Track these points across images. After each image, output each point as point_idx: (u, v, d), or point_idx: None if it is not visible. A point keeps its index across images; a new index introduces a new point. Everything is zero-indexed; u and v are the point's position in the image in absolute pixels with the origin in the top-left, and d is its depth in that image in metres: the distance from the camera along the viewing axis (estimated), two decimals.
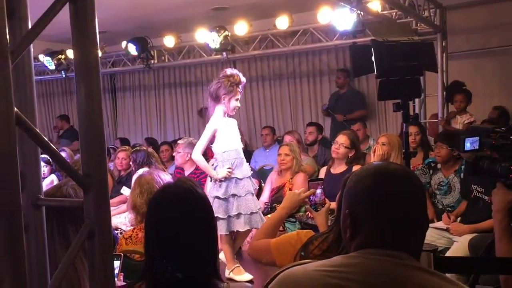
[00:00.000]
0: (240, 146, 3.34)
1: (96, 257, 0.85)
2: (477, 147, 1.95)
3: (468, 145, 1.95)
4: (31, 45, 0.93)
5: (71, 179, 1.53)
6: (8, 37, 0.74)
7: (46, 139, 0.80)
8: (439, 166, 4.29)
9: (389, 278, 1.00)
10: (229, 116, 3.36)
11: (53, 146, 0.81)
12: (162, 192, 1.51)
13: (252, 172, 3.59)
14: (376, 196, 1.08)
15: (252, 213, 3.26)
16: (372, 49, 2.53)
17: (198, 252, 1.42)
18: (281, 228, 4.27)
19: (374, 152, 4.36)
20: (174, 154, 6.32)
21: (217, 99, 3.30)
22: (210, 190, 3.39)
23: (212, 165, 3.44)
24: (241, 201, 3.23)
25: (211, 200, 3.37)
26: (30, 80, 0.93)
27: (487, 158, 1.94)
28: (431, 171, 4.35)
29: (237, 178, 3.25)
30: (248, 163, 3.54)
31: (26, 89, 0.91)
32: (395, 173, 1.11)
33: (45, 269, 0.96)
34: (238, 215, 3.25)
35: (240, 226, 3.26)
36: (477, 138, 1.94)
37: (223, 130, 3.30)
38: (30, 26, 0.95)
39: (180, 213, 1.43)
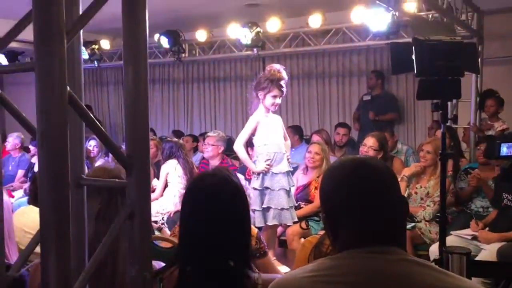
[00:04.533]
0: (281, 141, 3.35)
1: (136, 237, 0.87)
2: None
3: (504, 150, 1.92)
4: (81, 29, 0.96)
5: None
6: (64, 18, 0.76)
7: (94, 118, 0.82)
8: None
9: (373, 274, 1.01)
10: (273, 112, 3.38)
11: (99, 125, 0.83)
12: (200, 180, 1.53)
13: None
14: (345, 196, 1.07)
15: (282, 209, 3.28)
16: (413, 47, 2.50)
17: (231, 241, 1.44)
18: (304, 226, 4.29)
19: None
20: (201, 145, 6.39)
21: (256, 95, 3.33)
22: (252, 181, 3.43)
23: (252, 158, 3.48)
24: (273, 195, 3.26)
25: (250, 191, 3.41)
26: (78, 63, 0.96)
27: None
28: (468, 176, 4.33)
29: (273, 172, 3.27)
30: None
31: (74, 71, 0.94)
32: (360, 168, 1.10)
33: (83, 248, 0.98)
34: (268, 208, 3.27)
35: (269, 219, 3.28)
36: None
37: (264, 124, 3.32)
38: (81, 11, 0.98)
39: (216, 202, 1.45)
